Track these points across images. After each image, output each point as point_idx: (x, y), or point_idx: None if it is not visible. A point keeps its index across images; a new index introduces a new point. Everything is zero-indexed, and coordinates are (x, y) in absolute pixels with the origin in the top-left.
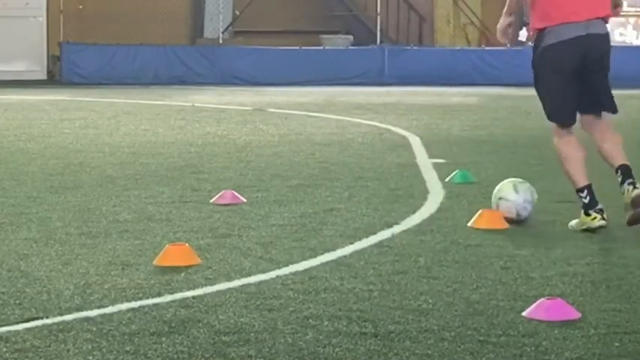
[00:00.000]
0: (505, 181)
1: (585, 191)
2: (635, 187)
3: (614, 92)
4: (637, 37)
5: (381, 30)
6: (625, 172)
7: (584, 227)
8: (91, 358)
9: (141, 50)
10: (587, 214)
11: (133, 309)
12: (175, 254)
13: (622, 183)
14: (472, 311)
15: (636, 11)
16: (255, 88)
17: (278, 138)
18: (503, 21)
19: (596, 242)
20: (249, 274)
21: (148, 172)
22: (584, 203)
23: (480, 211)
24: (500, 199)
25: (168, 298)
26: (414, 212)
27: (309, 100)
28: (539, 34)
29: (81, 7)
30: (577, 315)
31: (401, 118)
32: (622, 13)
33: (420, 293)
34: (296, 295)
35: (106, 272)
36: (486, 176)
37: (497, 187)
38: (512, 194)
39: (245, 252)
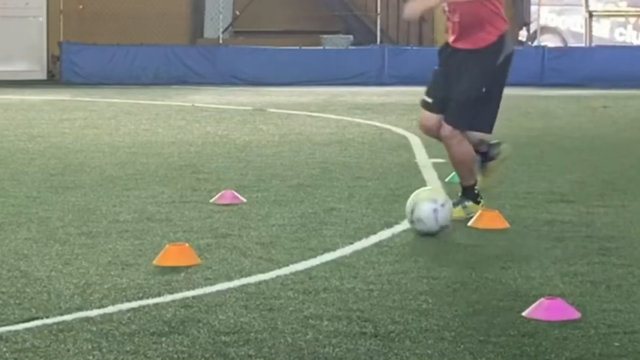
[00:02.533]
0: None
1: (475, 185)
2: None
3: (615, 92)
4: (637, 37)
5: (381, 30)
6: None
7: (470, 215)
8: (91, 358)
9: (141, 50)
10: (478, 202)
11: (133, 309)
12: (175, 254)
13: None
14: (472, 311)
15: (636, 11)
16: (255, 88)
17: (278, 138)
18: (434, 2)
19: (596, 242)
20: (249, 274)
21: (148, 172)
22: (475, 194)
23: (479, 211)
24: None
25: (168, 298)
26: None
27: (309, 100)
28: (502, 36)
29: (81, 7)
30: (577, 315)
31: (401, 118)
32: (622, 13)
33: (420, 293)
34: (296, 295)
35: (106, 272)
36: None
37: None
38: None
39: (245, 252)
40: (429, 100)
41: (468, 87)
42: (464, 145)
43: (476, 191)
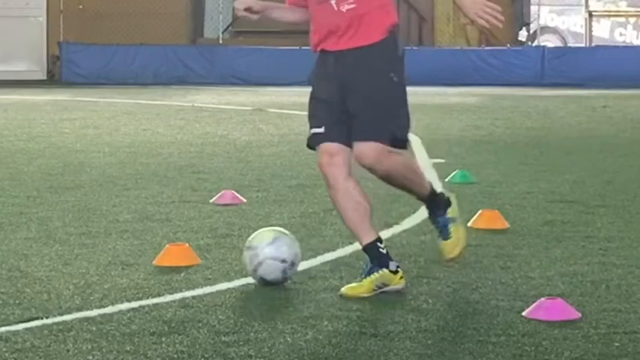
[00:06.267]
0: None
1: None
2: None
3: (615, 92)
4: (637, 37)
5: None
6: None
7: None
8: (91, 358)
9: (141, 50)
10: (449, 203)
11: (133, 309)
12: (175, 254)
13: None
14: (472, 311)
15: (636, 11)
16: (255, 88)
17: (278, 138)
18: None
19: (596, 242)
20: (249, 274)
21: (148, 172)
22: (444, 200)
23: (479, 211)
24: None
25: (168, 298)
26: (414, 212)
27: None
28: (394, 30)
29: (81, 7)
30: (577, 315)
31: None
32: (622, 13)
33: (420, 293)
34: (296, 295)
35: (106, 272)
36: (486, 176)
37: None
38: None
39: None
40: (320, 130)
41: (374, 84)
42: (395, 158)
43: (445, 196)
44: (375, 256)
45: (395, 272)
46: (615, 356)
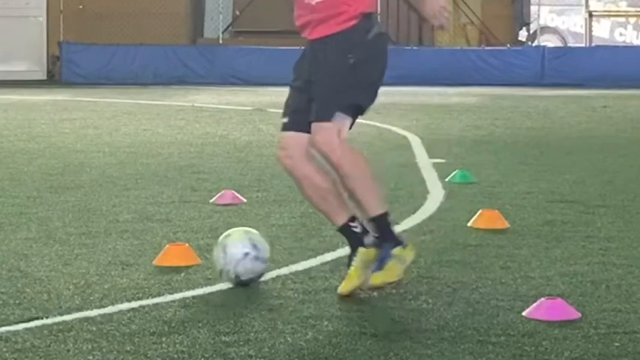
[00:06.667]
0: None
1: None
2: None
3: (615, 92)
4: (637, 37)
5: None
6: None
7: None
8: (91, 358)
9: (141, 50)
10: (402, 244)
11: (133, 309)
12: (175, 254)
13: None
14: (472, 311)
15: (636, 11)
16: (255, 88)
17: (278, 138)
18: None
19: (596, 242)
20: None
21: (148, 172)
22: (392, 230)
23: (479, 211)
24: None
25: (168, 298)
26: (414, 212)
27: None
28: (366, 17)
29: (81, 7)
30: (577, 315)
31: (401, 118)
32: (622, 13)
33: (420, 293)
34: (296, 295)
35: (106, 272)
36: (486, 176)
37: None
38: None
39: None
40: (285, 119)
41: (330, 66)
42: (353, 154)
43: (390, 222)
44: (349, 236)
45: (376, 246)
46: (615, 356)
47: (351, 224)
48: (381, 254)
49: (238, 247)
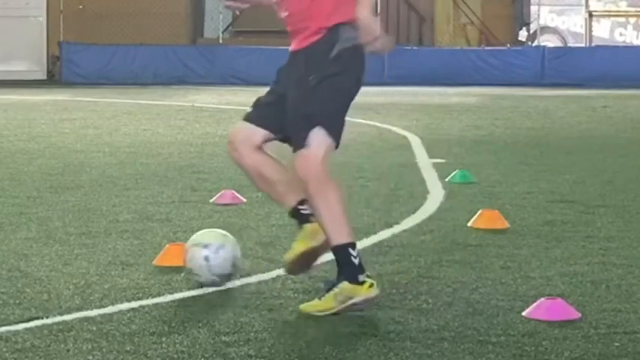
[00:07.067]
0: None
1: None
2: None
3: (615, 92)
4: (637, 37)
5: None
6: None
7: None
8: (91, 358)
9: (141, 50)
10: (359, 281)
11: (133, 309)
12: (175, 254)
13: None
14: (472, 311)
15: (636, 11)
16: (255, 88)
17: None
18: None
19: (596, 242)
20: (249, 274)
21: (148, 172)
22: (356, 265)
23: (479, 211)
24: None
25: (168, 298)
26: (414, 212)
27: None
28: (332, 30)
29: (81, 7)
30: (577, 315)
31: (401, 118)
32: (622, 13)
33: (420, 293)
34: (296, 295)
35: (106, 272)
36: (486, 176)
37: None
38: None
39: (245, 252)
40: (249, 109)
41: (295, 93)
42: (324, 184)
43: (355, 255)
44: (299, 217)
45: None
46: (615, 356)
47: (300, 207)
48: (332, 283)
49: (197, 259)
